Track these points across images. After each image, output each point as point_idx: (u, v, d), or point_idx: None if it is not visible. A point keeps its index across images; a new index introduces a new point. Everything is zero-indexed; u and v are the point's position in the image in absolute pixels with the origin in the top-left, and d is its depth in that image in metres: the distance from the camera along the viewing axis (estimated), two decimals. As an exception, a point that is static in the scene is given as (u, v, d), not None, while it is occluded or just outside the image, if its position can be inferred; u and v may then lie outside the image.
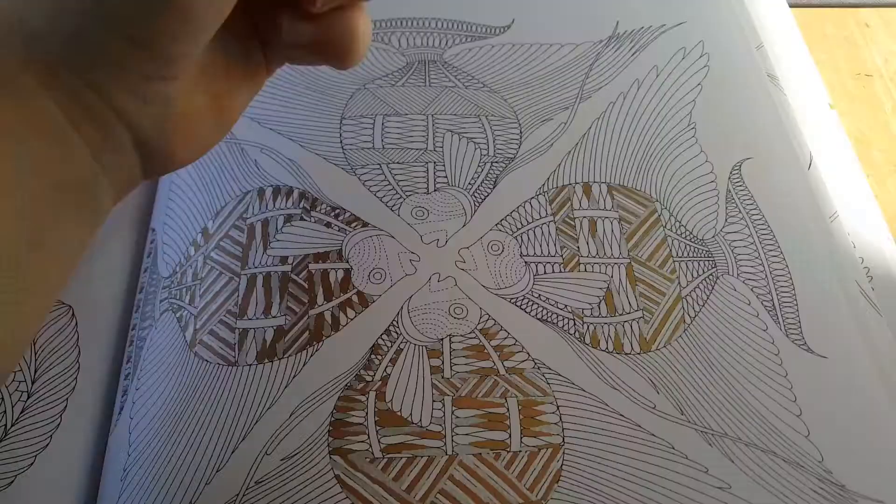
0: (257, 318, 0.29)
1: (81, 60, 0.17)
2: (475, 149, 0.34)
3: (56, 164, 0.18)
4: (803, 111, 0.37)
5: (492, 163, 0.34)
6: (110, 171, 0.20)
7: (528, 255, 0.31)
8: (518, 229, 0.32)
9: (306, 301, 0.30)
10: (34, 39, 0.17)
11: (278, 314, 0.29)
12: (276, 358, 0.28)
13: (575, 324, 0.30)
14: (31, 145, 0.17)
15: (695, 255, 0.32)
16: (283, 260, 0.31)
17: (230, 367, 0.28)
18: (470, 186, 0.33)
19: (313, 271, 0.30)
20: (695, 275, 0.31)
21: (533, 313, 0.30)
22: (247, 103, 0.23)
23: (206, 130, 0.22)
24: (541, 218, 0.32)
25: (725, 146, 0.35)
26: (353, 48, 0.22)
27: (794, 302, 0.31)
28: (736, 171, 0.34)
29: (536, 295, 0.30)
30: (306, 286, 0.30)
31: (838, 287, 0.31)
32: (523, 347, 0.29)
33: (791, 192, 0.34)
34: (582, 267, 0.31)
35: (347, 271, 0.30)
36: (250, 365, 0.28)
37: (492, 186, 0.33)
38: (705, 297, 0.31)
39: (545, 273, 0.31)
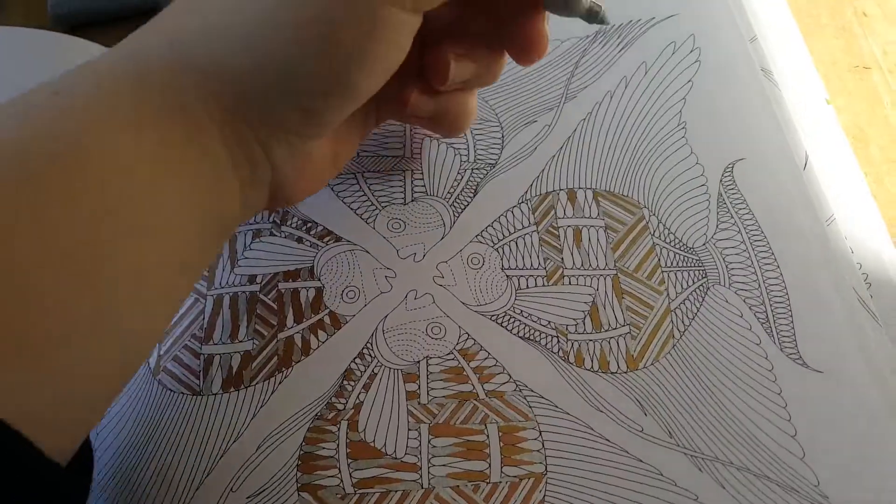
0: (223, 343, 0.28)
1: (257, 120, 0.21)
2: (455, 155, 0.33)
3: (216, 198, 0.22)
4: (799, 107, 0.35)
5: (472, 169, 0.32)
6: (247, 204, 0.24)
7: (509, 269, 0.30)
8: (499, 241, 0.31)
9: (275, 323, 0.28)
10: (223, 97, 0.21)
11: (245, 338, 0.28)
12: (242, 386, 0.27)
13: (559, 341, 0.28)
14: (201, 181, 0.21)
15: (684, 264, 0.30)
16: (252, 279, 0.29)
17: (195, 397, 0.27)
18: (449, 196, 0.32)
19: (283, 291, 0.29)
20: (684, 286, 0.30)
21: (514, 331, 0.28)
22: (356, 148, 0.29)
23: (325, 172, 0.27)
24: (523, 228, 0.31)
25: (717, 147, 0.33)
26: (462, 124, 0.29)
27: (789, 313, 0.29)
28: (728, 174, 0.33)
29: (518, 311, 0.29)
30: (275, 307, 0.29)
31: (835, 295, 0.29)
32: (504, 368, 0.28)
33: (786, 195, 0.32)
34: (566, 280, 0.30)
35: (319, 290, 0.29)
36: (215, 394, 0.27)
37: (472, 195, 0.32)
38: (695, 310, 0.29)
39: (527, 287, 0.29)
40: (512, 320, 0.29)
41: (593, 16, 0.26)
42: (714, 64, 0.36)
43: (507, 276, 0.30)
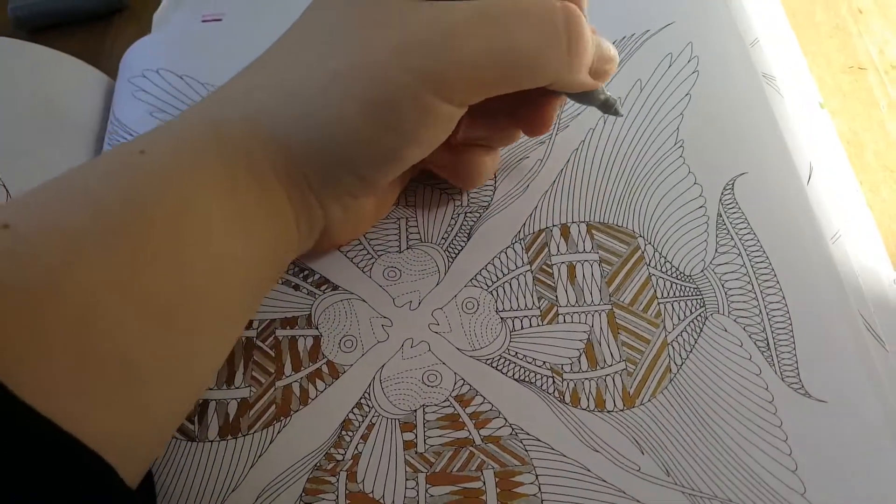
0: (219, 389, 0.29)
1: (319, 183, 0.25)
2: (448, 200, 0.33)
3: (280, 248, 0.27)
4: (799, 114, 0.34)
5: (465, 213, 0.33)
6: (300, 248, 0.28)
7: (503, 311, 0.30)
8: (493, 283, 0.31)
9: (273, 371, 0.29)
10: (290, 164, 0.24)
11: (242, 385, 0.29)
12: (240, 434, 0.28)
13: (554, 382, 0.29)
14: (269, 235, 0.25)
15: (681, 293, 0.30)
16: (248, 324, 0.30)
17: (190, 443, 0.28)
18: (444, 241, 0.32)
19: (280, 338, 0.30)
20: (681, 316, 0.29)
21: (510, 374, 0.29)
22: (395, 198, 0.32)
23: (368, 221, 0.31)
24: (517, 268, 0.31)
25: (717, 162, 0.33)
26: (475, 180, 0.31)
27: (791, 340, 0.29)
28: (728, 191, 0.32)
29: (513, 353, 0.29)
30: (273, 354, 0.30)
31: (840, 319, 0.29)
32: (500, 413, 0.28)
33: (789, 211, 0.31)
34: (561, 318, 0.30)
35: (317, 338, 0.30)
36: (212, 441, 0.28)
37: (466, 239, 0.32)
38: (693, 342, 0.29)
39: (522, 328, 0.30)
40: (507, 363, 0.29)
41: (608, 107, 0.28)
42: (713, 73, 0.35)
43: (502, 318, 0.30)
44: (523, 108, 0.28)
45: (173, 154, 0.23)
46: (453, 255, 0.31)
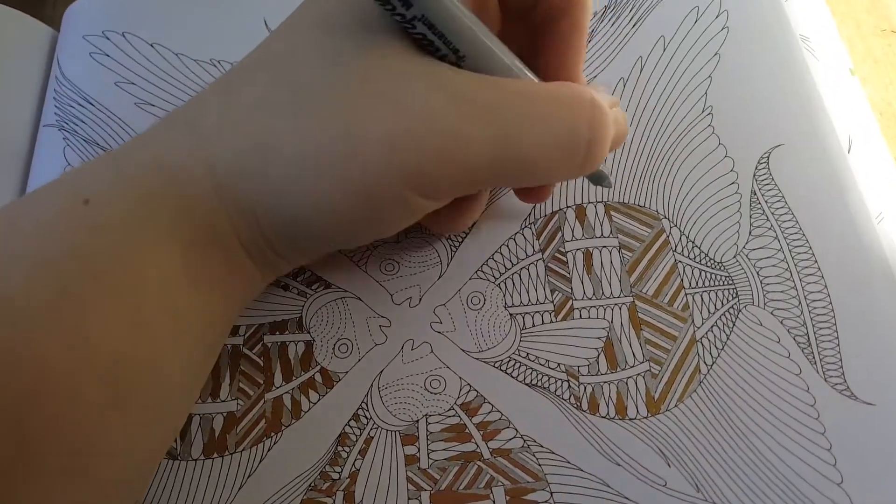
0: (204, 402, 0.26)
1: (284, 249, 0.23)
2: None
3: (245, 293, 0.24)
4: (835, 80, 0.30)
5: (468, 194, 0.29)
6: (261, 289, 0.26)
7: (513, 306, 0.27)
8: (501, 274, 0.28)
9: (262, 382, 0.27)
10: (256, 231, 0.22)
11: (229, 397, 0.27)
12: (227, 452, 0.26)
13: (570, 386, 0.26)
14: (234, 282, 0.23)
15: (712, 283, 0.27)
16: (234, 330, 0.28)
17: (172, 462, 0.26)
18: (445, 227, 0.29)
19: (269, 345, 0.27)
20: (712, 309, 0.26)
21: (520, 378, 0.26)
22: None
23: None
24: (527, 257, 0.28)
25: (750, 132, 0.29)
26: (457, 227, 0.27)
27: (835, 334, 0.26)
28: (763, 165, 0.28)
29: (524, 354, 0.26)
30: (261, 363, 0.27)
31: (890, 310, 0.26)
32: (510, 422, 0.25)
33: (831, 187, 0.28)
34: (576, 313, 0.27)
35: (309, 344, 0.27)
36: (196, 460, 0.26)
37: (470, 226, 0.29)
38: (725, 338, 0.26)
39: (533, 325, 0.27)
40: (517, 366, 0.26)
41: (600, 179, 0.27)
42: (744, 31, 0.31)
43: (511, 314, 0.27)
44: None
45: (124, 212, 0.20)
46: (456, 245, 0.28)
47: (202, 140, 0.21)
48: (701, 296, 0.27)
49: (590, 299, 0.27)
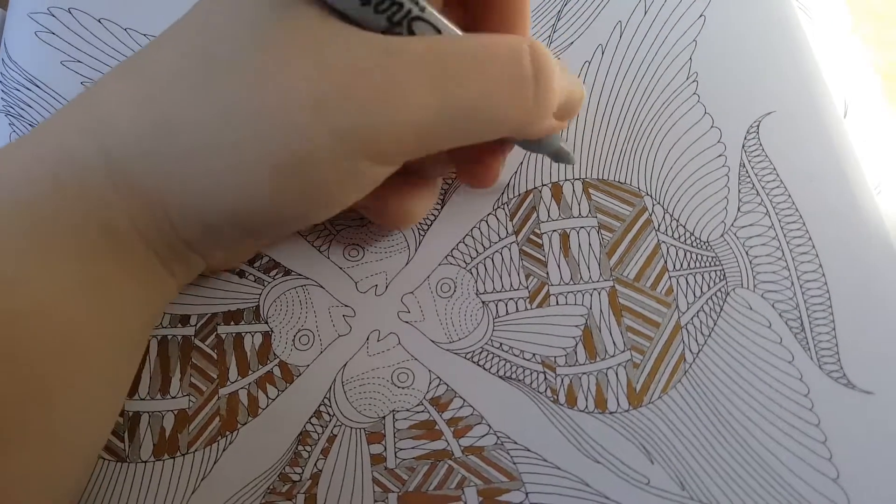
0: (152, 399, 0.25)
1: (198, 240, 0.20)
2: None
3: (152, 295, 0.22)
4: (830, 42, 0.28)
5: (437, 174, 0.27)
6: (178, 289, 0.23)
7: (485, 293, 0.25)
8: (472, 259, 0.26)
9: (215, 376, 0.25)
10: (167, 223, 0.19)
11: (179, 393, 0.25)
12: (178, 453, 0.24)
13: (546, 378, 0.24)
14: (137, 285, 0.20)
15: (697, 264, 0.25)
16: (185, 320, 0.26)
17: (119, 464, 0.24)
18: (412, 209, 0.27)
19: (223, 336, 0.26)
20: (698, 293, 0.25)
21: (493, 370, 0.24)
22: None
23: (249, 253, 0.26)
24: (500, 240, 0.26)
25: (738, 100, 0.27)
26: (405, 221, 0.24)
27: (830, 318, 0.24)
28: (752, 135, 0.27)
29: (497, 344, 0.25)
30: (215, 356, 0.25)
31: (889, 292, 0.24)
32: (483, 418, 0.24)
33: (826, 157, 0.26)
34: (553, 299, 0.25)
35: (267, 335, 0.25)
36: (146, 461, 0.24)
37: (440, 207, 0.27)
38: (712, 323, 0.24)
39: (507, 313, 0.25)
40: (490, 357, 0.24)
41: (562, 156, 0.24)
42: (732, -10, 0.29)
43: (483, 301, 0.25)
44: (461, 154, 0.22)
45: (9, 221, 0.18)
46: (424, 228, 0.27)
47: (95, 124, 0.18)
48: (686, 278, 0.25)
49: (567, 284, 0.25)
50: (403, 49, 0.18)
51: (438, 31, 0.19)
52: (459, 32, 0.20)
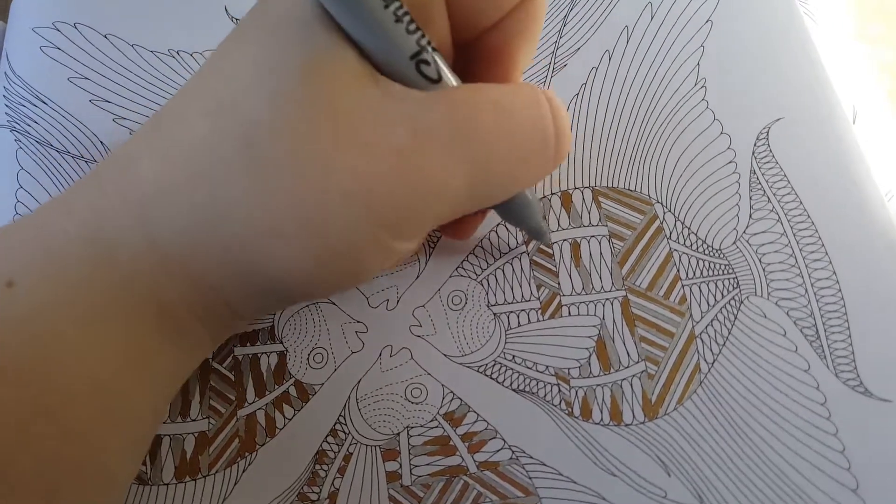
0: (173, 422, 0.25)
1: (243, 308, 0.20)
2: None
3: (194, 361, 0.22)
4: (836, 46, 0.28)
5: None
6: (221, 340, 0.23)
7: (496, 305, 0.25)
8: (483, 270, 0.26)
9: (234, 398, 0.25)
10: (216, 299, 0.19)
11: (199, 416, 0.25)
12: (200, 475, 0.24)
13: (560, 390, 0.24)
14: (181, 355, 0.21)
15: (710, 272, 0.25)
16: (207, 347, 0.26)
17: (142, 487, 0.24)
18: (420, 221, 0.27)
19: (240, 357, 0.26)
20: (711, 302, 0.24)
21: (507, 383, 0.24)
22: None
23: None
24: (510, 251, 0.26)
25: (747, 106, 0.27)
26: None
27: (846, 325, 0.24)
28: (762, 142, 0.26)
29: (510, 357, 0.25)
30: (233, 378, 0.25)
31: (905, 296, 0.24)
32: (497, 432, 0.24)
33: (837, 163, 0.26)
34: (565, 310, 0.25)
35: (282, 355, 0.25)
36: (168, 484, 0.24)
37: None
38: (726, 333, 0.24)
39: (519, 325, 0.25)
40: (503, 370, 0.24)
41: (541, 235, 0.24)
42: (739, -7, 0.29)
43: (495, 313, 0.25)
44: None
45: (51, 299, 0.18)
46: (434, 240, 0.26)
47: (137, 205, 0.18)
48: (699, 287, 0.25)
49: (579, 294, 0.25)
50: (436, 126, 0.18)
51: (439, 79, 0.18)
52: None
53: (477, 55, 0.21)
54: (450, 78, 0.18)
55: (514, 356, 0.25)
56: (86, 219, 0.18)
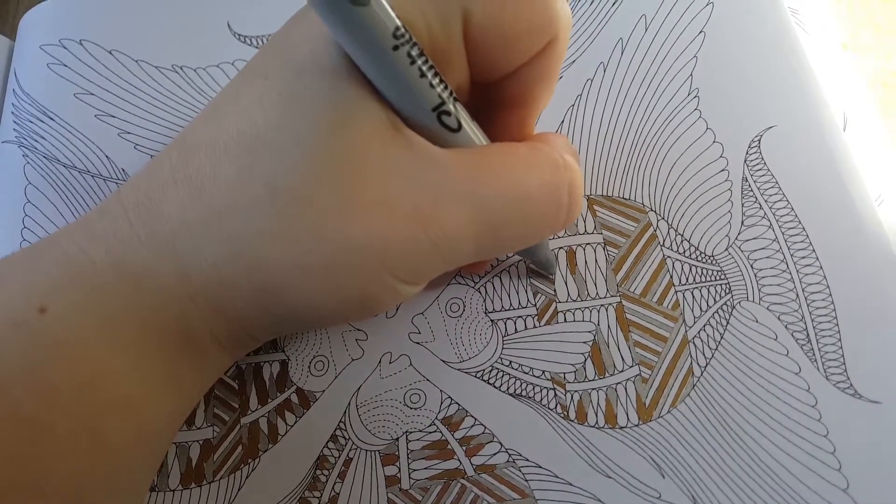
0: (179, 430, 0.25)
1: (265, 335, 0.22)
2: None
3: (211, 382, 0.23)
4: (826, 54, 0.28)
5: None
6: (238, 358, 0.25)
7: (493, 311, 0.26)
8: (480, 278, 0.26)
9: (237, 406, 0.26)
10: (240, 329, 0.20)
11: (204, 424, 0.25)
12: (205, 481, 0.25)
13: (556, 394, 0.24)
14: (203, 379, 0.22)
15: (703, 278, 0.25)
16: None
17: (149, 493, 0.25)
18: (418, 230, 0.27)
19: (243, 366, 0.26)
20: (704, 307, 0.25)
21: (504, 388, 0.25)
22: None
23: None
24: (507, 258, 0.27)
25: (740, 115, 0.28)
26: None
27: (836, 329, 0.24)
28: (754, 149, 0.27)
29: (507, 362, 0.25)
30: (236, 386, 0.26)
31: (894, 301, 0.24)
32: (494, 436, 0.24)
33: (827, 169, 0.26)
34: (561, 316, 0.25)
35: (284, 363, 0.26)
36: (174, 490, 0.25)
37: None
38: (718, 337, 0.24)
39: (516, 332, 0.25)
40: (500, 375, 0.25)
41: (548, 267, 0.25)
42: (730, 5, 0.29)
43: (492, 320, 0.26)
44: None
45: (83, 326, 0.18)
46: (432, 249, 0.27)
47: (168, 243, 0.19)
48: (692, 293, 0.25)
49: (574, 301, 0.26)
50: (454, 191, 0.18)
51: (460, 127, 0.19)
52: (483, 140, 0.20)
53: (496, 97, 0.21)
54: (470, 128, 0.19)
55: (510, 362, 0.25)
56: (111, 248, 0.19)
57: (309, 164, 0.17)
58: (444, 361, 0.25)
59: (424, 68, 0.17)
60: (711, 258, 0.26)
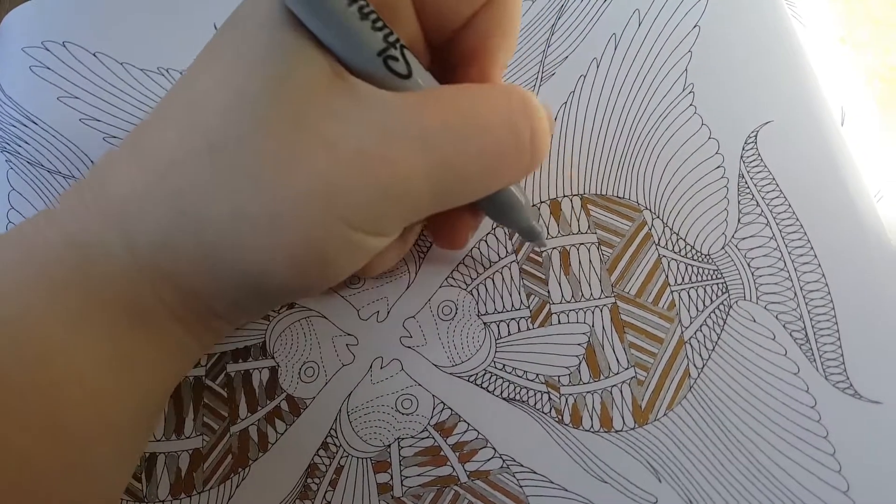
0: (168, 440, 0.25)
1: (224, 310, 0.21)
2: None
3: (180, 363, 0.22)
4: (823, 49, 0.28)
5: (433, 195, 0.27)
6: (202, 354, 0.24)
7: (486, 314, 0.25)
8: (473, 280, 0.26)
9: (227, 414, 0.25)
10: (193, 299, 0.20)
11: (193, 433, 0.25)
12: (195, 491, 0.24)
13: (550, 398, 0.24)
14: (165, 356, 0.21)
15: (699, 278, 0.25)
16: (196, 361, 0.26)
17: None
18: (410, 232, 0.27)
19: (232, 374, 0.26)
20: (700, 307, 0.24)
21: (497, 392, 0.24)
22: None
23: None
24: (500, 259, 0.26)
25: (735, 110, 0.27)
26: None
27: (835, 328, 0.24)
28: (751, 145, 0.26)
29: (500, 366, 0.25)
30: (225, 394, 0.25)
31: (894, 299, 0.24)
32: (487, 441, 0.24)
33: (825, 165, 0.26)
34: (555, 318, 0.25)
35: (274, 370, 0.26)
36: (164, 500, 0.24)
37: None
38: (715, 338, 0.24)
39: (509, 334, 0.25)
40: (493, 379, 0.24)
41: (534, 235, 0.23)
42: (725, -2, 0.29)
43: (485, 323, 0.25)
44: (436, 220, 0.24)
45: (30, 302, 0.18)
46: (424, 250, 0.27)
47: (115, 212, 0.19)
48: (688, 292, 0.25)
49: (568, 302, 0.25)
50: (402, 127, 0.18)
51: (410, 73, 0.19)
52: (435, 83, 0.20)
53: (454, 56, 0.21)
54: (421, 74, 0.19)
55: (504, 365, 0.25)
56: (66, 226, 0.19)
57: (248, 114, 0.17)
58: (436, 366, 0.25)
59: (365, 10, 0.17)
60: (708, 257, 0.25)
